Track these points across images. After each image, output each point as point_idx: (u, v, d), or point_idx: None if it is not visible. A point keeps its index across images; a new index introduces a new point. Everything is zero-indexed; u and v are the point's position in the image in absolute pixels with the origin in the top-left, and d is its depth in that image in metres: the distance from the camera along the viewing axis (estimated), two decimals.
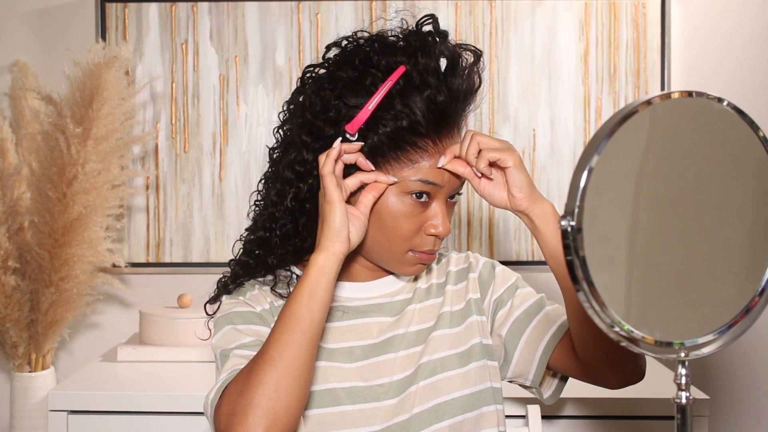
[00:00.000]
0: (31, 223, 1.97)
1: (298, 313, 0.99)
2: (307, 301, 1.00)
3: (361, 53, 1.07)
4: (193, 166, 2.20)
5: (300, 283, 1.02)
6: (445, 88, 1.05)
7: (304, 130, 1.08)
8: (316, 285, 1.01)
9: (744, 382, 2.02)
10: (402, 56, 1.05)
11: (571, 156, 2.17)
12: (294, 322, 0.99)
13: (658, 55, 2.16)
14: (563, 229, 0.68)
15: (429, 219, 1.09)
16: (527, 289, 1.22)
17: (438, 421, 1.10)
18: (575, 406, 1.66)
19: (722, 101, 0.73)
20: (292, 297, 1.01)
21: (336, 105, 1.06)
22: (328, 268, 1.02)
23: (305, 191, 1.09)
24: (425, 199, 1.07)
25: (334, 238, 1.02)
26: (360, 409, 1.08)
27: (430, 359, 1.12)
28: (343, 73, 1.07)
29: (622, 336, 0.72)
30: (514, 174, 1.06)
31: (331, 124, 1.06)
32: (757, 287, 0.74)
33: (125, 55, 1.98)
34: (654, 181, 0.73)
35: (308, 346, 0.99)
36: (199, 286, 1.78)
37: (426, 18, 1.10)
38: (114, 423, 1.71)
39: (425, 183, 1.06)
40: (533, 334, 1.17)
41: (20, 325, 1.95)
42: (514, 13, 2.17)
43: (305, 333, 0.99)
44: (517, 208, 1.08)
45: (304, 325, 0.99)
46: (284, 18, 2.18)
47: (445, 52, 1.07)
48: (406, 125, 1.04)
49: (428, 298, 1.18)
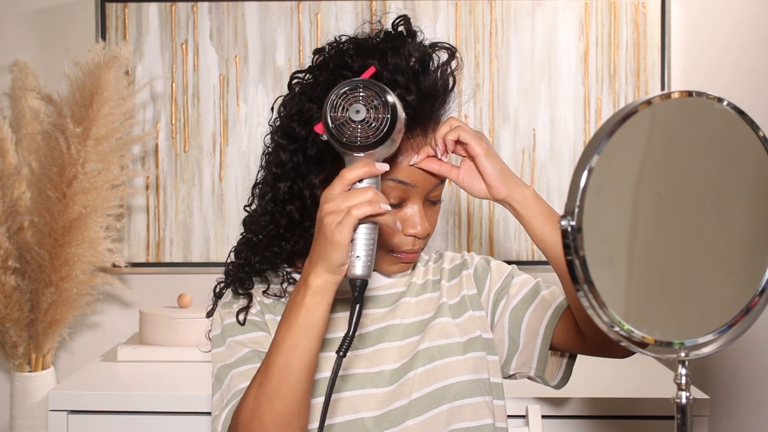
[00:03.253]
0: (31, 223, 1.97)
1: (295, 348, 0.97)
2: (304, 334, 0.96)
3: (337, 58, 1.08)
4: (193, 166, 2.20)
5: (293, 311, 0.97)
6: (414, 87, 1.05)
7: (280, 133, 1.10)
8: (314, 312, 0.96)
9: (744, 382, 2.02)
10: (374, 57, 1.05)
11: (571, 156, 2.17)
12: (290, 355, 0.97)
13: (658, 55, 2.16)
14: (563, 229, 0.68)
15: (406, 219, 1.09)
16: (523, 277, 1.22)
17: (436, 406, 1.10)
18: (575, 406, 1.66)
19: (722, 101, 0.73)
20: (286, 326, 0.97)
21: (309, 108, 1.07)
22: (326, 298, 0.96)
23: (284, 192, 1.09)
24: (398, 201, 1.08)
25: (333, 271, 0.95)
26: (359, 394, 1.09)
27: (429, 346, 1.13)
28: (321, 77, 1.08)
29: (622, 336, 0.72)
30: (485, 163, 1.06)
31: (303, 125, 1.07)
32: (757, 287, 0.74)
33: (125, 55, 1.98)
34: (654, 181, 0.73)
35: (306, 378, 0.98)
36: (199, 286, 1.78)
37: (399, 19, 1.10)
38: (114, 423, 1.71)
39: (397, 182, 1.07)
40: (532, 318, 1.18)
41: (20, 325, 1.95)
42: (514, 13, 2.17)
43: (303, 366, 0.97)
44: (497, 197, 1.08)
45: (303, 359, 0.97)
46: (284, 18, 2.18)
47: (413, 52, 1.07)
48: None
49: (424, 292, 1.20)
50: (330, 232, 0.91)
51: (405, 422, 1.09)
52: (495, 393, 1.16)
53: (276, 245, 1.12)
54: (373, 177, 0.94)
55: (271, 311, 1.14)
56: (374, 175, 0.94)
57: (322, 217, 0.92)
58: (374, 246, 0.94)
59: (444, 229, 2.18)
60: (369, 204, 0.90)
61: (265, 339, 1.09)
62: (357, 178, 0.93)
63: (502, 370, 1.21)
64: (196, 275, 2.17)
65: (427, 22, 2.14)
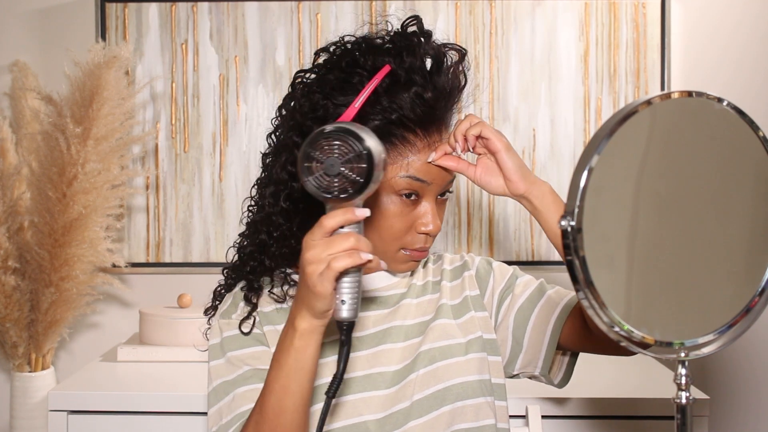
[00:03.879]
0: (31, 223, 1.97)
1: (287, 389, 0.98)
2: (295, 377, 0.97)
3: (347, 56, 1.09)
4: (193, 166, 2.20)
5: (285, 355, 0.97)
6: (431, 86, 1.07)
7: (294, 131, 1.09)
8: (302, 355, 0.96)
9: (744, 382, 2.02)
10: (388, 56, 1.06)
11: (571, 156, 2.17)
12: (283, 397, 0.98)
13: (658, 55, 2.16)
14: (563, 229, 0.68)
15: (419, 217, 1.09)
16: (526, 277, 1.23)
17: (438, 407, 1.11)
18: (575, 406, 1.66)
19: (722, 101, 0.73)
20: (278, 369, 0.98)
21: (324, 105, 1.07)
22: (315, 339, 0.96)
23: (298, 190, 1.09)
24: (414, 198, 1.09)
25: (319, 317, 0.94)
26: (361, 398, 1.10)
27: (431, 348, 1.13)
28: (331, 75, 1.08)
29: (622, 336, 0.72)
30: (505, 158, 1.08)
31: (320, 123, 1.06)
32: (757, 287, 0.75)
33: (125, 55, 1.98)
34: (654, 181, 0.73)
35: (300, 420, 0.99)
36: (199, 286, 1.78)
37: (410, 19, 1.11)
38: (114, 423, 1.71)
39: (414, 180, 1.07)
40: (538, 319, 1.18)
41: (20, 325, 1.95)
42: (514, 13, 2.17)
43: (296, 410, 0.98)
44: (516, 192, 1.09)
45: (296, 403, 0.98)
46: (284, 18, 2.18)
47: (429, 51, 1.08)
48: (395, 119, 1.06)
49: (425, 294, 1.20)
50: (312, 282, 0.89)
51: (407, 424, 1.10)
52: (497, 394, 1.16)
53: (286, 246, 1.12)
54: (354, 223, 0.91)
55: (271, 321, 1.13)
56: (354, 222, 0.90)
57: (304, 265, 0.91)
58: (359, 288, 0.93)
59: (444, 229, 2.18)
60: (349, 256, 0.88)
61: (265, 354, 1.09)
62: (337, 226, 0.89)
63: (506, 369, 1.21)
64: (196, 275, 2.17)
65: (428, 22, 2.13)
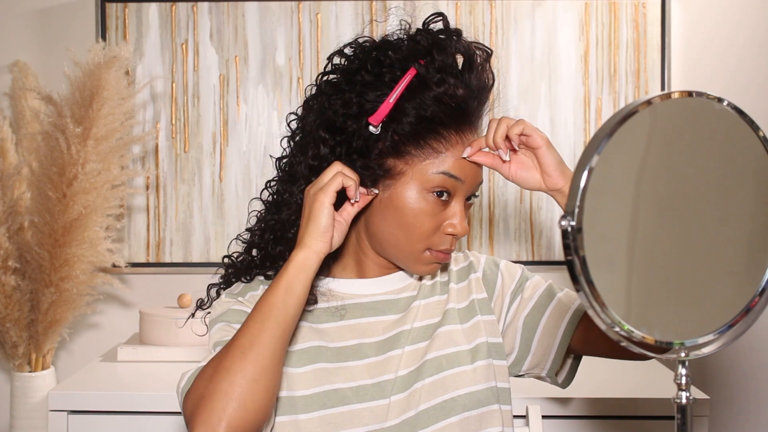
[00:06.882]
0: (31, 223, 1.97)
1: (273, 306, 1.01)
2: (284, 296, 1.02)
3: (371, 57, 1.09)
4: (193, 166, 2.20)
5: (278, 278, 1.03)
6: (463, 84, 1.08)
7: (323, 127, 1.09)
8: (294, 281, 1.02)
9: (744, 382, 2.02)
10: (417, 55, 1.07)
11: (571, 156, 2.17)
12: (268, 313, 1.01)
13: (658, 55, 2.16)
14: (563, 230, 0.68)
15: (448, 218, 1.10)
16: (535, 279, 1.23)
17: (444, 417, 1.10)
18: (575, 406, 1.66)
19: (722, 101, 0.73)
20: (269, 290, 1.03)
21: (357, 101, 1.08)
22: (308, 265, 1.03)
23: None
24: (446, 197, 1.08)
25: (319, 237, 1.03)
26: (368, 407, 1.09)
27: (437, 355, 1.13)
28: (358, 76, 1.09)
29: (622, 336, 0.72)
30: (546, 154, 1.09)
31: (354, 119, 1.08)
32: (757, 287, 0.74)
33: (125, 55, 1.98)
34: (654, 181, 0.73)
35: (280, 338, 1.01)
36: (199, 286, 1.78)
37: (435, 16, 1.12)
38: (114, 423, 1.71)
39: (447, 176, 1.07)
40: (549, 322, 1.17)
41: (20, 325, 1.95)
42: (514, 13, 2.17)
43: (279, 325, 1.01)
44: (554, 187, 1.10)
45: (279, 317, 1.01)
46: (284, 18, 2.18)
47: (460, 49, 1.09)
48: (429, 114, 1.06)
49: (433, 295, 1.19)
50: (310, 201, 1.04)
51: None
52: (502, 399, 1.16)
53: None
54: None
55: None
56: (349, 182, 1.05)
57: (305, 197, 1.06)
58: None
59: None
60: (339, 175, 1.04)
61: None
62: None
63: (512, 369, 1.20)
64: (196, 275, 2.17)
65: None
